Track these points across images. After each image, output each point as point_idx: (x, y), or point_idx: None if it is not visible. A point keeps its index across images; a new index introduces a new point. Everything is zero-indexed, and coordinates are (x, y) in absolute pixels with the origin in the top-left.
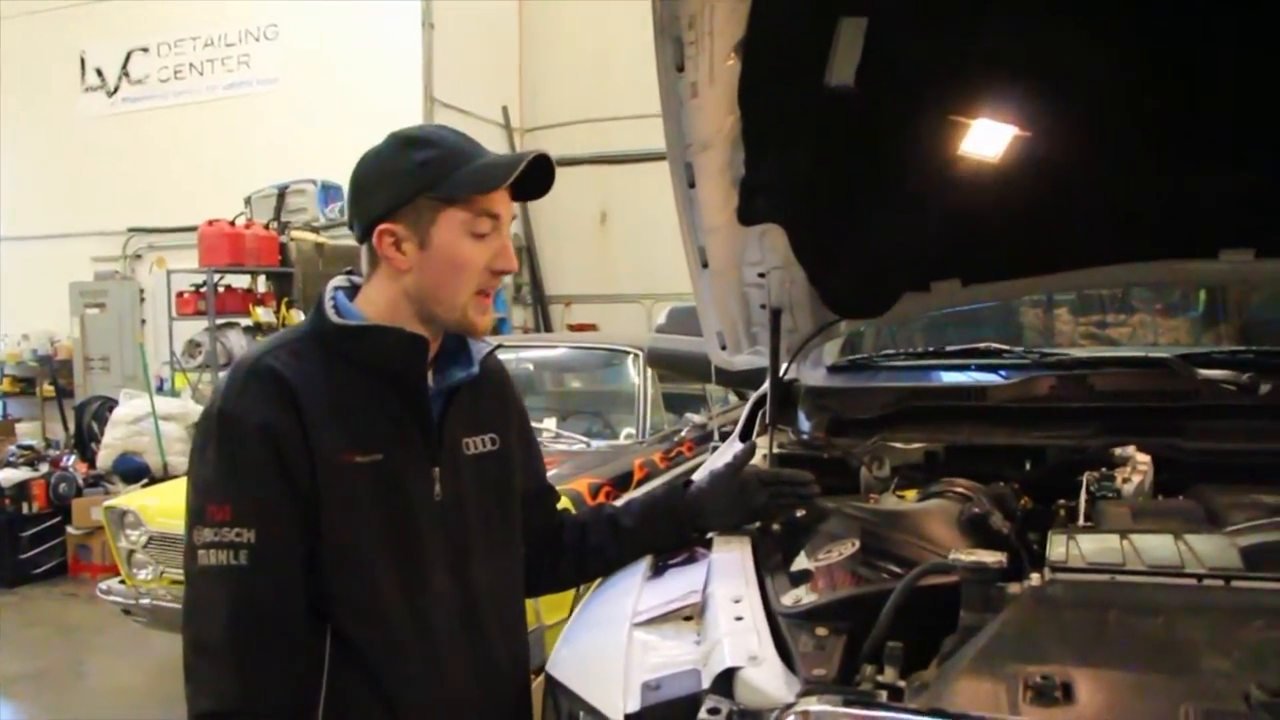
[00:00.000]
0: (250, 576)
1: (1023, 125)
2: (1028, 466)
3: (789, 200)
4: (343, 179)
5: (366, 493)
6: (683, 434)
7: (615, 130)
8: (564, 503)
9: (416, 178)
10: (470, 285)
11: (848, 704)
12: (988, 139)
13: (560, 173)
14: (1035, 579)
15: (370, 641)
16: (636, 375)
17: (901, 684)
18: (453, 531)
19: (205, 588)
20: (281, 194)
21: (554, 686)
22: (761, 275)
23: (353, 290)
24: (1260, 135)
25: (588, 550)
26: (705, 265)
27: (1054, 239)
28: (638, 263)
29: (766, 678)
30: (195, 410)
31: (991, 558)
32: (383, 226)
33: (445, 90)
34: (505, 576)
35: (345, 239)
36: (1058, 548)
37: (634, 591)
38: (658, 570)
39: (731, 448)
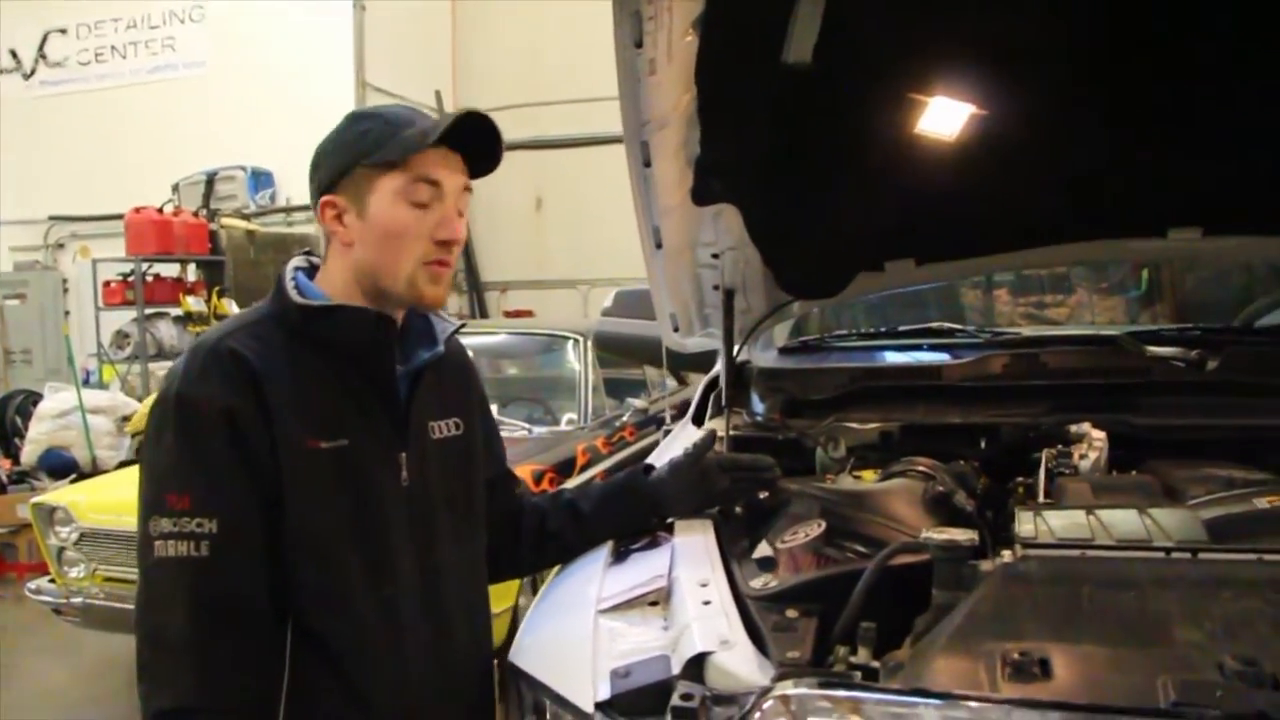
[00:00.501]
0: (211, 568)
1: (978, 104)
2: (983, 445)
3: (744, 180)
4: (273, 165)
5: (332, 480)
6: (625, 419)
7: (550, 115)
8: None
9: (355, 148)
10: (412, 255)
11: (826, 686)
12: (944, 117)
13: None
14: (1007, 556)
15: (335, 632)
16: (577, 361)
17: (875, 664)
18: (419, 518)
19: (162, 580)
20: (210, 180)
21: (518, 676)
22: (715, 256)
23: (312, 271)
24: (1209, 115)
25: (547, 536)
26: (659, 246)
27: (1007, 218)
28: (573, 248)
29: (738, 661)
30: (125, 403)
31: (964, 535)
32: (324, 199)
33: (377, 74)
34: (470, 563)
35: (277, 226)
36: (1026, 524)
37: (596, 578)
38: (619, 556)
39: (685, 431)
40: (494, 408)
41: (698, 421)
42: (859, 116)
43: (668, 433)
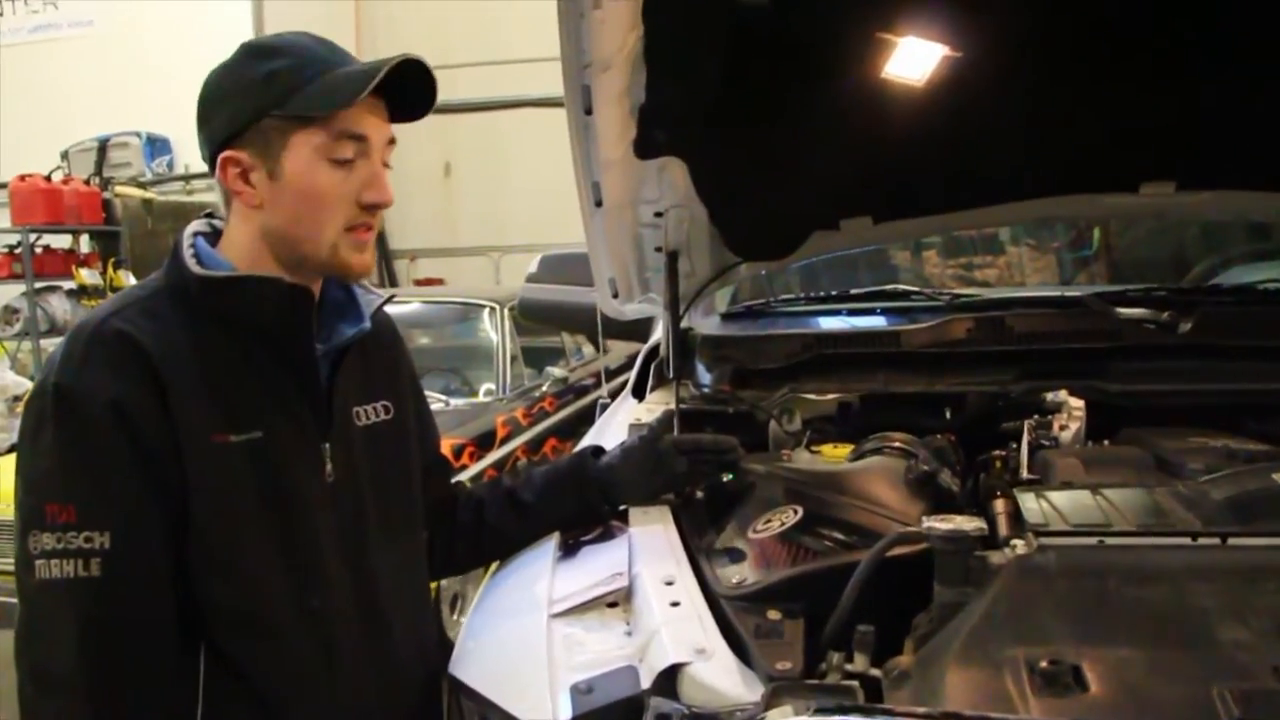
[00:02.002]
0: (104, 590)
1: (942, 50)
2: (948, 415)
3: (692, 131)
4: (170, 131)
5: (245, 478)
6: (544, 389)
7: (459, 78)
8: None
9: (261, 94)
10: (335, 221)
11: (840, 713)
12: (906, 65)
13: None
14: (1020, 546)
15: (255, 656)
16: (495, 329)
17: (876, 673)
18: (347, 517)
19: (47, 606)
20: (103, 147)
21: (460, 690)
22: (658, 215)
23: (215, 236)
24: (1182, 65)
25: (485, 529)
26: (599, 204)
27: (971, 174)
28: (484, 215)
29: (718, 674)
30: (16, 382)
31: (970, 524)
32: (226, 154)
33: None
34: (408, 563)
35: (176, 195)
36: (1031, 507)
37: (545, 575)
38: (569, 549)
39: (625, 405)
40: None
41: (638, 394)
42: (816, 62)
43: (604, 407)
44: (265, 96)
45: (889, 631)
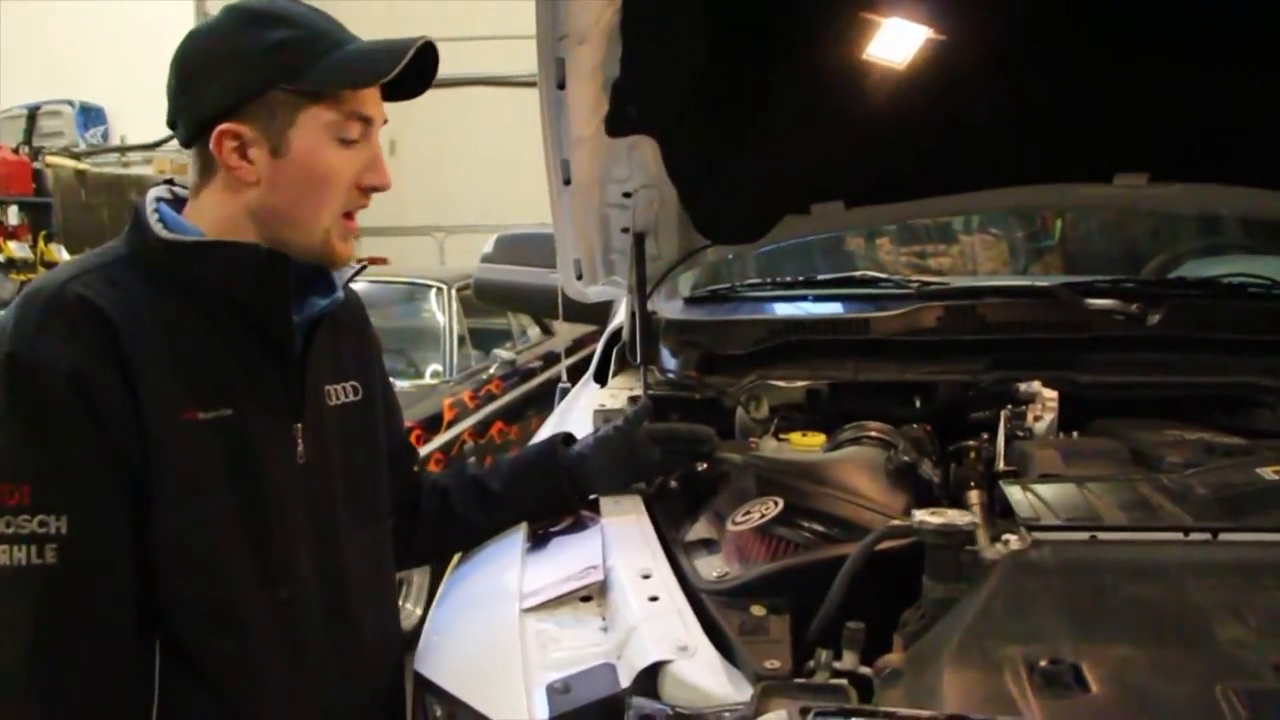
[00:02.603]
0: (60, 579)
1: (921, 35)
2: (918, 404)
3: (665, 108)
4: (105, 100)
5: (213, 459)
6: (491, 371)
7: None
8: None
9: (271, 64)
10: (335, 204)
11: (845, 715)
12: (884, 48)
13: None
14: (1014, 541)
15: (219, 652)
16: (441, 311)
17: (866, 671)
18: (318, 501)
19: None
20: (32, 115)
21: (427, 688)
22: (627, 195)
23: (176, 204)
24: (1158, 58)
25: (449, 519)
26: (567, 182)
27: (944, 160)
28: (429, 195)
29: (702, 672)
30: None
31: (963, 518)
32: (224, 126)
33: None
34: (375, 552)
35: (110, 166)
36: (1019, 500)
37: (514, 567)
38: (538, 540)
39: (586, 391)
40: None
41: (600, 379)
42: (796, 42)
43: (564, 393)
44: (274, 67)
45: (874, 627)
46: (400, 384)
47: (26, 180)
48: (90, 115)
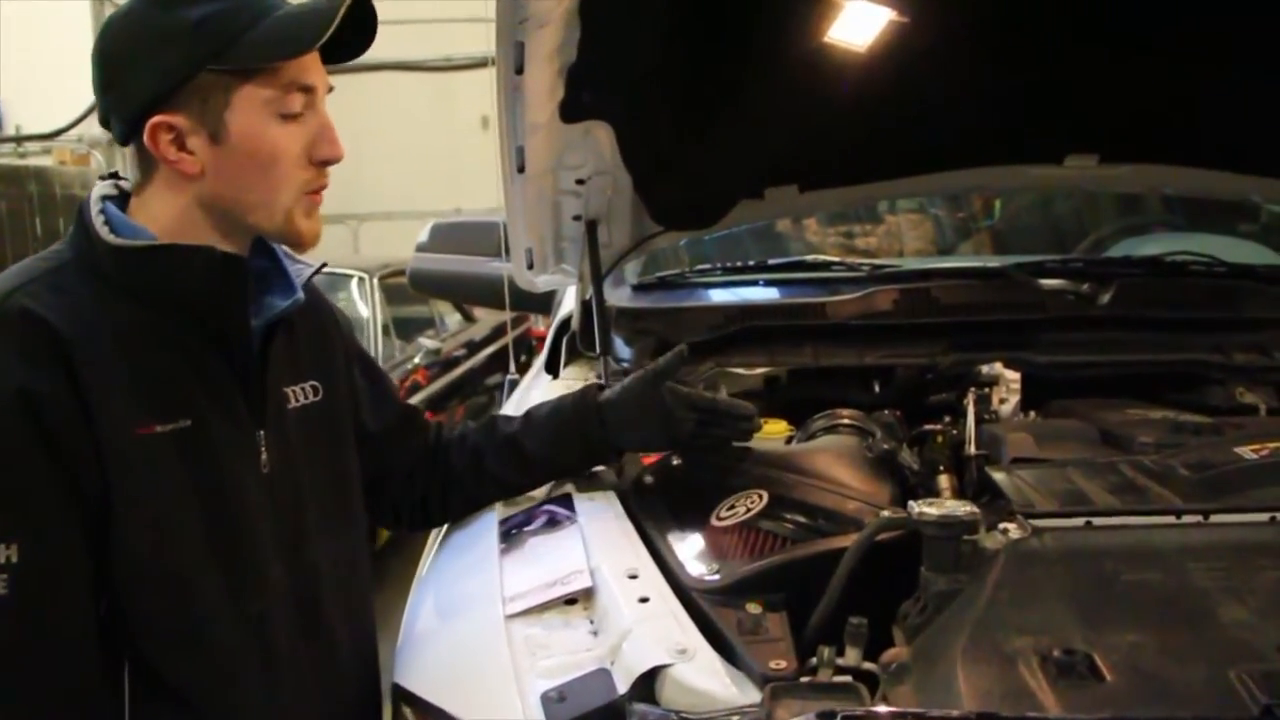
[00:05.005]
0: (14, 610)
1: (876, 21)
2: (877, 388)
3: (620, 94)
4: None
5: (174, 472)
6: (416, 361)
7: None
8: None
9: (193, 44)
10: (291, 183)
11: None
12: (840, 30)
13: None
14: (1013, 530)
15: (190, 671)
16: (364, 300)
17: (871, 667)
18: (285, 510)
19: None
20: None
21: (408, 701)
22: (580, 182)
23: (124, 201)
24: (1108, 40)
25: (486, 479)
26: (521, 170)
27: (897, 143)
28: (342, 182)
29: (704, 675)
30: None
31: (963, 508)
32: (156, 119)
33: None
34: (347, 557)
35: (7, 158)
36: (1007, 486)
37: (491, 571)
38: (510, 539)
39: (539, 382)
40: None
41: (551, 369)
42: (749, 26)
43: (513, 384)
44: (199, 47)
45: (870, 620)
46: None
47: None
48: None
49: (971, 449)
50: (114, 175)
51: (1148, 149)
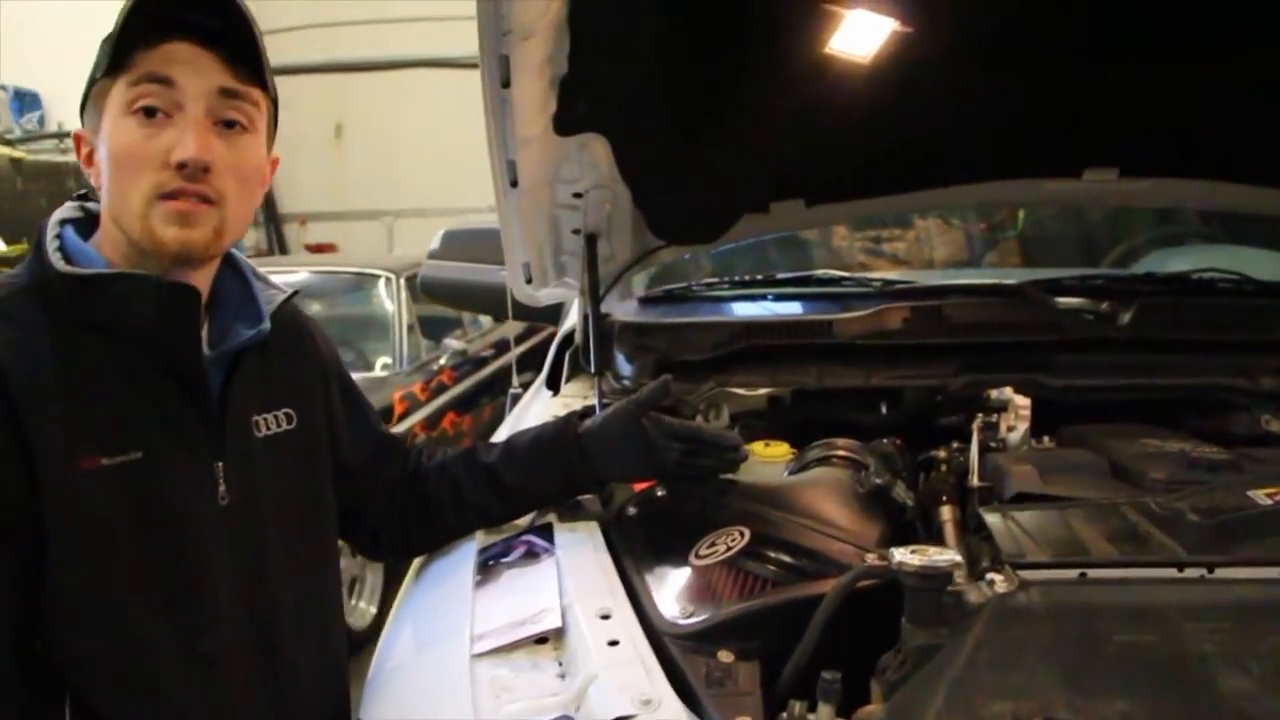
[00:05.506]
0: None
1: (887, 27)
2: (884, 410)
3: (617, 105)
4: (40, 84)
5: (119, 507)
6: (443, 361)
7: (350, 36)
8: None
9: (99, 54)
10: (141, 184)
11: None
12: (847, 39)
13: (291, 82)
14: (999, 582)
15: (133, 713)
16: (390, 300)
17: None
18: (244, 544)
19: None
20: None
21: None
22: (577, 196)
23: (91, 223)
24: (1128, 51)
25: (465, 508)
26: (514, 184)
27: (910, 156)
28: (377, 178)
29: None
30: None
31: (944, 558)
32: (76, 132)
33: None
34: (314, 589)
35: (47, 154)
36: (1000, 531)
37: (464, 605)
38: (486, 571)
39: (540, 399)
40: None
41: (552, 386)
42: (751, 36)
43: (515, 399)
44: (99, 56)
45: (849, 669)
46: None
47: None
48: (25, 101)
49: (974, 480)
50: (82, 196)
51: (1171, 162)
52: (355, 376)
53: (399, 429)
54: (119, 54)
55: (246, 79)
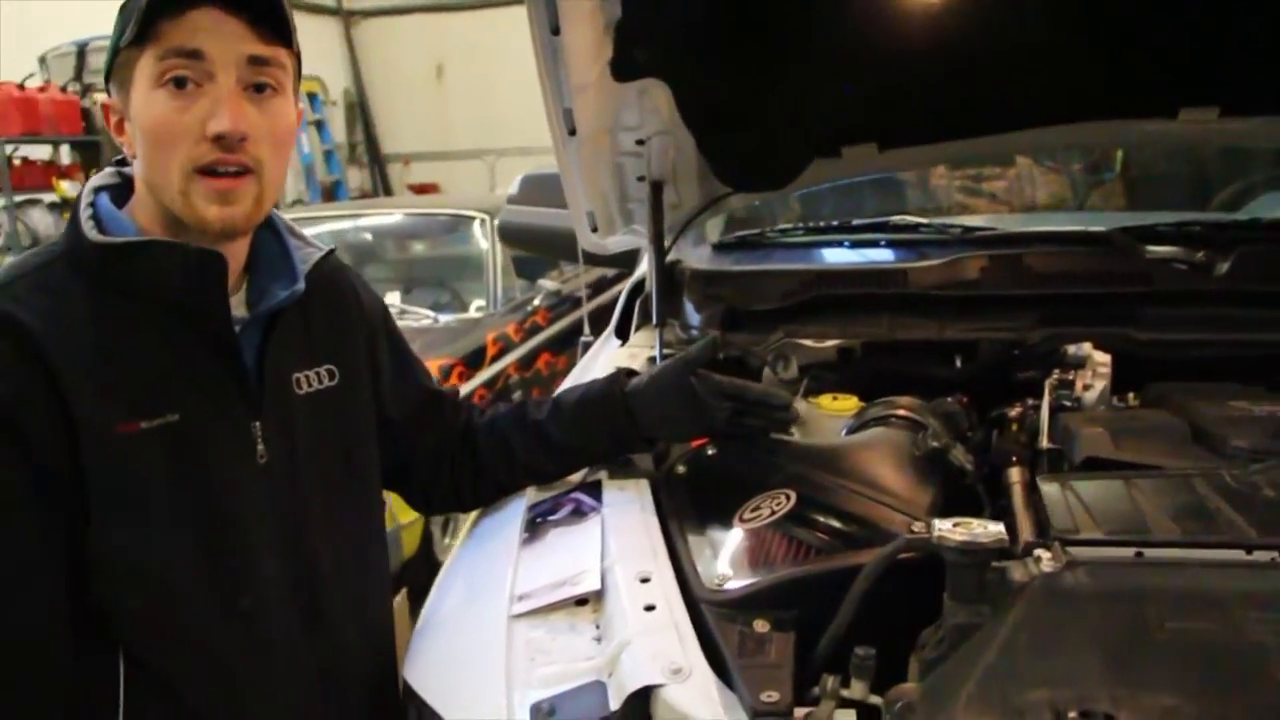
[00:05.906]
0: None
1: None
2: (958, 364)
3: (675, 50)
4: None
5: (158, 469)
6: (536, 302)
7: None
8: None
9: (120, 22)
10: (177, 159)
11: None
12: None
13: (391, 24)
14: (1045, 560)
15: (180, 669)
16: (485, 241)
17: (876, 701)
18: (283, 501)
19: None
20: (82, 52)
21: (411, 699)
22: (640, 143)
23: (128, 188)
24: None
25: (515, 466)
26: (573, 132)
27: (988, 97)
28: (478, 118)
29: (695, 700)
30: None
31: (988, 533)
32: (104, 101)
33: None
34: (357, 546)
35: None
36: (1056, 502)
37: (508, 563)
38: (533, 529)
39: (609, 347)
40: (396, 295)
41: (621, 335)
42: None
43: (586, 346)
44: (120, 24)
45: (889, 643)
46: (443, 318)
47: (76, 119)
48: None
49: (1044, 442)
50: (120, 161)
51: (1274, 101)
52: (449, 318)
53: (493, 370)
54: (145, 23)
55: (273, 40)
